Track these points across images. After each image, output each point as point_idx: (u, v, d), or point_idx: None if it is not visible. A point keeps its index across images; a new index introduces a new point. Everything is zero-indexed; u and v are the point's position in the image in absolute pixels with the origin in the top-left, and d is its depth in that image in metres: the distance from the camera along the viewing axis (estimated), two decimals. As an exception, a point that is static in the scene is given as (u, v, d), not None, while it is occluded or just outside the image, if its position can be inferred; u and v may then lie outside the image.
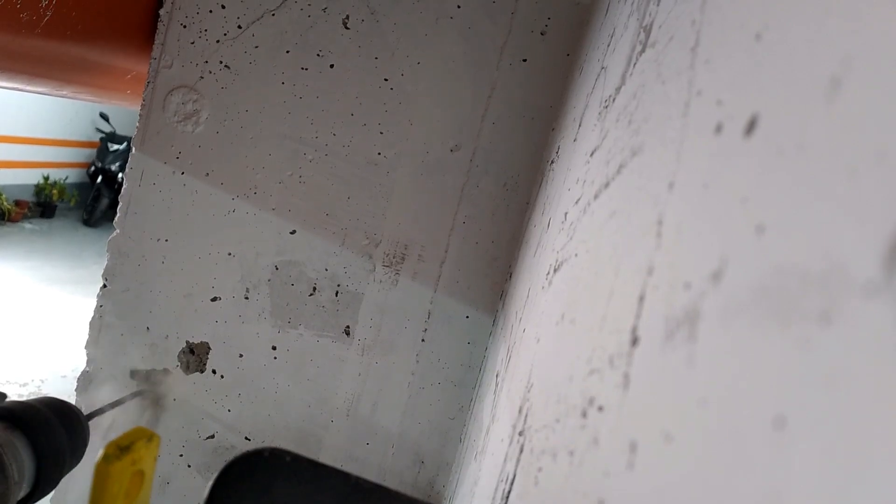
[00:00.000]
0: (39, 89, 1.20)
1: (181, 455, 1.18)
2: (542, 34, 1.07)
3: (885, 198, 0.12)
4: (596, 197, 0.46)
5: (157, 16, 1.08)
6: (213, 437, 1.18)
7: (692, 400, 0.19)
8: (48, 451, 0.70)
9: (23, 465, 0.66)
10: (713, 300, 0.20)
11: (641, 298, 0.28)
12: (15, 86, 1.12)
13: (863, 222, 0.13)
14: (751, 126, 0.21)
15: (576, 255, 0.48)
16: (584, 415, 0.32)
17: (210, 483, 0.37)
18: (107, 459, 0.66)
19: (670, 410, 0.21)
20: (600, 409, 0.29)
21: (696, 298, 0.22)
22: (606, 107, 0.54)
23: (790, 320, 0.15)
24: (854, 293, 0.13)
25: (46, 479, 0.69)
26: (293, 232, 1.13)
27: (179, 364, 1.16)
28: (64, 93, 1.30)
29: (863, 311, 0.12)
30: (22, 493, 0.67)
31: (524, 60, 1.08)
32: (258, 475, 0.38)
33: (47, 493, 0.70)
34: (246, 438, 1.17)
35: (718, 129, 0.25)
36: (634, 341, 0.27)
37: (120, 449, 0.67)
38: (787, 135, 0.18)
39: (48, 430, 0.71)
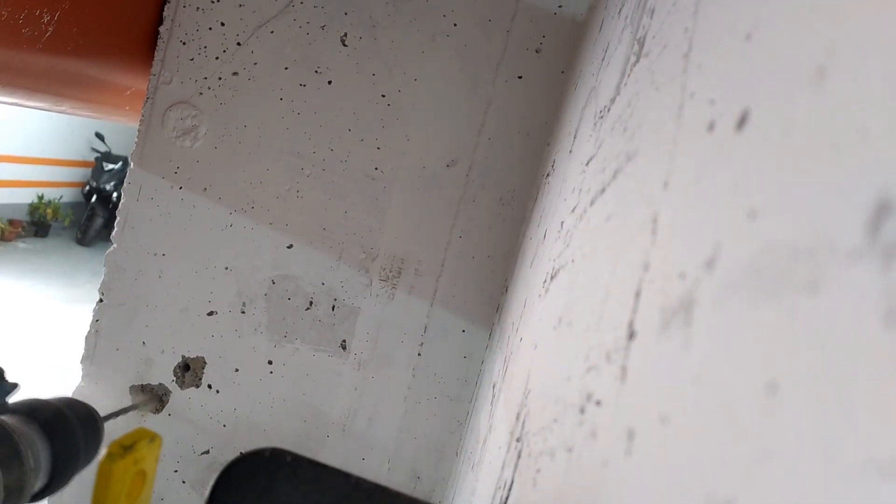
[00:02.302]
0: (39, 104, 1.21)
1: (176, 471, 1.17)
2: (536, 52, 1.09)
3: (867, 168, 0.13)
4: (592, 203, 0.47)
5: (157, 33, 1.09)
6: (207, 452, 1.17)
7: (687, 380, 0.20)
8: (63, 446, 0.72)
9: (38, 455, 0.68)
10: (707, 286, 0.21)
11: (637, 294, 0.29)
12: (14, 100, 1.13)
13: (847, 193, 0.14)
14: (742, 120, 0.22)
15: (572, 260, 0.48)
16: (582, 411, 0.32)
17: (211, 483, 0.37)
18: (110, 458, 0.67)
19: (666, 394, 0.21)
20: (598, 403, 0.30)
21: (691, 286, 0.22)
22: (601, 117, 0.55)
23: (780, 293, 0.15)
24: (839, 261, 0.13)
25: (62, 472, 0.71)
26: (290, 246, 1.14)
27: (175, 379, 1.16)
28: (63, 108, 1.31)
29: (848, 277, 0.13)
30: (39, 485, 0.68)
31: (520, 77, 1.10)
32: (259, 475, 0.38)
33: (62, 486, 0.72)
34: (241, 454, 1.16)
35: (711, 126, 0.26)
36: (631, 335, 0.28)
37: (123, 448, 0.68)
38: (777, 123, 0.19)
39: (65, 425, 0.73)
